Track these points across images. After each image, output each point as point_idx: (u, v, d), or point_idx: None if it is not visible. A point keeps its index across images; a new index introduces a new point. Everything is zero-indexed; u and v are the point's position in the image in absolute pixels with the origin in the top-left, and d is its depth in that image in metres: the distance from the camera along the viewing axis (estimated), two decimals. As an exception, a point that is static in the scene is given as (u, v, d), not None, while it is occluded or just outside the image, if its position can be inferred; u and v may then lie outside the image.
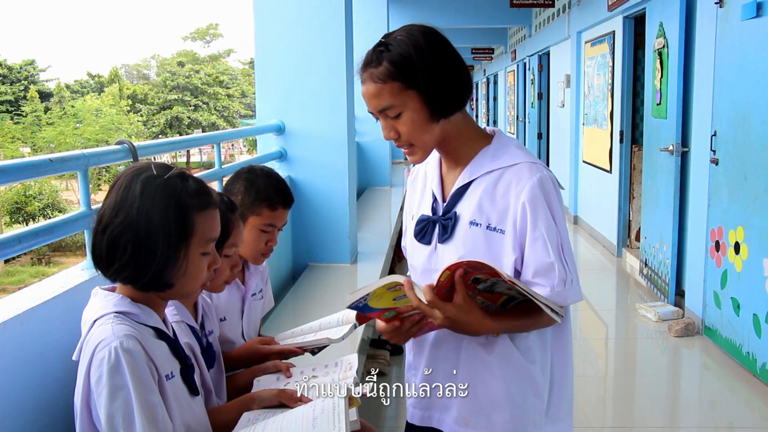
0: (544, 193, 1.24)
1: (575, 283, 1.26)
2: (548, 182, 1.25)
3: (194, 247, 1.21)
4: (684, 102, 4.42)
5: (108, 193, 1.21)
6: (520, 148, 1.31)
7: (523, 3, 8.53)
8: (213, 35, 50.96)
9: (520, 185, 1.24)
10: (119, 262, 1.17)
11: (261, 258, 1.86)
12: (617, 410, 3.31)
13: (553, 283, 1.23)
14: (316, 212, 3.63)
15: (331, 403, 1.24)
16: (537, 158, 1.31)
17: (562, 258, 1.24)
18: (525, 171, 1.26)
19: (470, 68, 17.69)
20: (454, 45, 1.30)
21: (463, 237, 1.28)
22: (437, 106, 1.24)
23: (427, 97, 1.23)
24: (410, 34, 1.24)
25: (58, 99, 35.36)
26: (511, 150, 1.30)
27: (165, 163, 1.26)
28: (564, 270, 1.23)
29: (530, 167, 1.26)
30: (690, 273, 4.32)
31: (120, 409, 1.09)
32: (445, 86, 1.24)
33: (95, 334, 1.14)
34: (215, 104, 38.36)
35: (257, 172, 1.85)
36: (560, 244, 1.24)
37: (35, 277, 17.97)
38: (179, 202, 1.19)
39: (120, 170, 1.10)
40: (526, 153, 1.30)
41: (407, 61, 1.21)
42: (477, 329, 1.22)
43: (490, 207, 1.26)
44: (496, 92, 17.37)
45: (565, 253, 1.24)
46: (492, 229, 1.26)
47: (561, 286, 1.23)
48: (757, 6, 3.32)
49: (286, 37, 3.48)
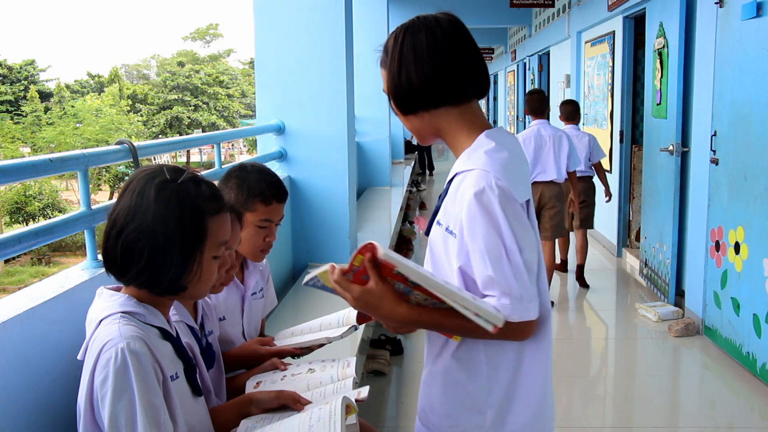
0: (484, 204, 1.17)
1: (526, 299, 1.17)
2: (492, 192, 1.17)
3: (207, 251, 1.22)
4: (684, 102, 4.42)
5: (120, 197, 1.21)
6: (490, 152, 1.24)
7: (523, 3, 8.54)
8: (213, 35, 51.00)
9: (465, 193, 1.21)
10: (136, 268, 1.17)
11: (260, 255, 1.85)
12: (617, 410, 3.31)
13: (497, 295, 1.17)
14: (316, 212, 3.63)
15: (327, 410, 1.24)
16: (500, 164, 1.22)
17: (506, 272, 1.16)
18: (472, 179, 1.20)
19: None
20: None
21: (432, 235, 1.31)
22: (397, 101, 1.29)
23: (390, 92, 1.29)
24: (405, 26, 1.28)
25: (58, 99, 35.37)
26: (478, 153, 1.25)
27: (177, 166, 1.26)
28: (508, 285, 1.16)
29: (478, 175, 1.20)
30: (690, 273, 4.32)
31: (124, 410, 1.09)
32: (405, 86, 1.25)
33: (101, 334, 1.14)
34: (215, 104, 38.35)
35: (248, 168, 1.85)
36: (505, 257, 1.16)
37: (35, 277, 17.97)
38: (194, 207, 1.19)
39: (120, 170, 1.10)
40: (488, 158, 1.23)
41: (387, 53, 1.29)
42: (389, 315, 1.19)
43: (450, 209, 1.25)
44: (496, 92, 17.38)
45: (513, 266, 1.16)
46: (449, 231, 1.25)
47: (506, 299, 1.16)
48: (757, 6, 3.32)
49: (286, 37, 3.48)
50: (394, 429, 3.02)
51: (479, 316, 1.12)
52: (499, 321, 1.13)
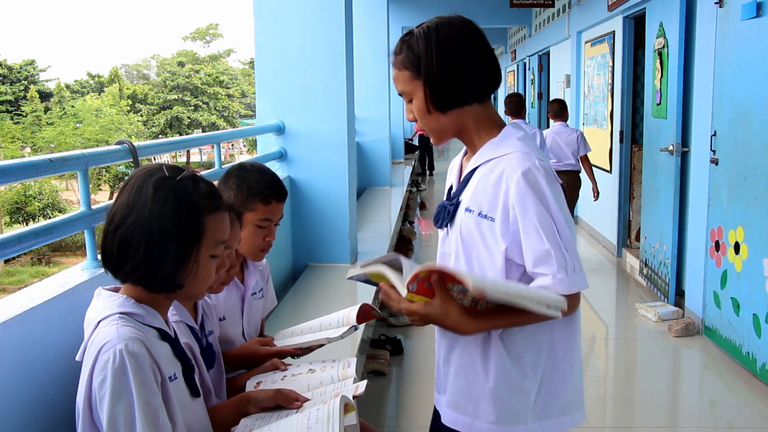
0: (532, 183, 1.24)
1: (578, 270, 1.24)
2: (538, 171, 1.25)
3: (204, 250, 1.22)
4: (684, 102, 4.42)
5: (119, 194, 1.21)
6: (522, 139, 1.32)
7: (523, 3, 8.54)
8: (213, 35, 51.01)
9: (509, 175, 1.26)
10: (131, 263, 1.17)
11: (260, 254, 1.85)
12: (617, 410, 3.31)
13: (554, 270, 1.22)
14: (316, 212, 3.63)
15: (326, 410, 1.24)
16: (535, 149, 1.30)
17: (560, 245, 1.23)
18: (515, 160, 1.27)
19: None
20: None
21: (460, 223, 1.34)
22: (437, 99, 1.32)
23: (429, 90, 1.31)
24: (432, 26, 1.31)
25: (58, 99, 35.35)
26: (511, 140, 1.32)
27: (177, 165, 1.26)
28: (563, 257, 1.22)
29: (521, 157, 1.27)
30: (690, 273, 4.32)
31: (122, 412, 1.09)
32: (446, 83, 1.29)
33: (100, 335, 1.14)
34: (215, 104, 38.36)
35: (248, 168, 1.85)
36: (556, 231, 1.23)
37: (35, 277, 17.98)
38: (191, 204, 1.19)
39: (120, 170, 1.10)
40: (524, 143, 1.30)
41: (417, 54, 1.30)
42: (456, 329, 1.25)
43: (483, 194, 1.30)
44: (496, 92, 17.39)
45: (563, 240, 1.23)
46: (483, 216, 1.29)
47: (562, 273, 1.22)
48: (757, 6, 3.32)
49: (286, 37, 3.48)
50: (394, 429, 3.02)
51: (549, 307, 1.17)
52: (564, 304, 1.19)
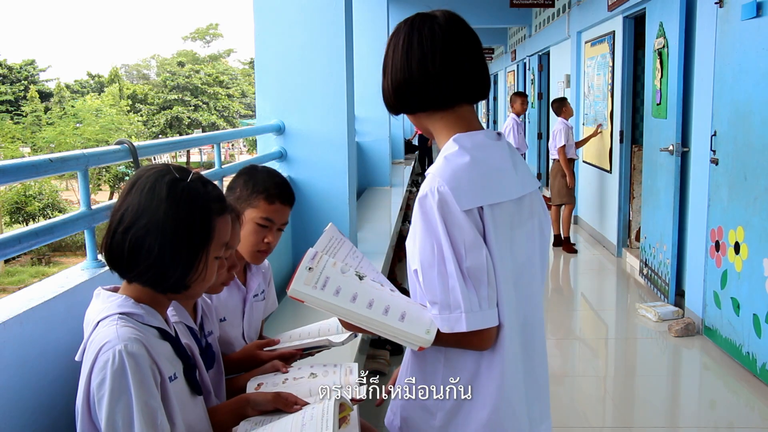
0: (425, 210, 1.15)
1: (456, 309, 1.13)
2: (432, 198, 1.14)
3: (212, 252, 1.22)
4: (684, 102, 4.42)
5: (125, 194, 1.20)
6: (449, 156, 1.19)
7: (523, 3, 8.54)
8: (213, 35, 50.96)
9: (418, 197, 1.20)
10: (144, 264, 1.17)
11: (258, 255, 1.81)
12: (617, 410, 3.31)
13: (429, 305, 1.17)
14: (316, 212, 3.62)
15: (320, 409, 1.24)
16: (452, 169, 1.17)
17: (433, 280, 1.14)
18: (425, 182, 1.18)
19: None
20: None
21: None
22: (387, 101, 1.30)
23: (385, 90, 1.29)
24: (402, 25, 1.27)
25: (58, 99, 35.34)
26: (439, 157, 1.23)
27: (181, 166, 1.26)
28: (433, 293, 1.14)
29: (428, 180, 1.17)
30: (690, 273, 4.32)
31: (121, 413, 1.09)
32: (400, 85, 1.25)
33: (99, 335, 1.14)
34: (215, 104, 38.37)
35: (259, 168, 1.86)
36: (435, 265, 1.13)
37: (35, 277, 17.98)
38: (203, 206, 1.20)
39: (120, 170, 1.10)
40: (444, 162, 1.19)
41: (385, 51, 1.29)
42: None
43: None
44: (496, 92, 17.37)
45: (441, 275, 1.13)
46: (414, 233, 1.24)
47: (434, 309, 1.15)
48: (757, 6, 3.32)
49: (286, 37, 3.48)
50: (394, 429, 3.02)
51: (407, 342, 1.16)
52: (425, 343, 1.15)
